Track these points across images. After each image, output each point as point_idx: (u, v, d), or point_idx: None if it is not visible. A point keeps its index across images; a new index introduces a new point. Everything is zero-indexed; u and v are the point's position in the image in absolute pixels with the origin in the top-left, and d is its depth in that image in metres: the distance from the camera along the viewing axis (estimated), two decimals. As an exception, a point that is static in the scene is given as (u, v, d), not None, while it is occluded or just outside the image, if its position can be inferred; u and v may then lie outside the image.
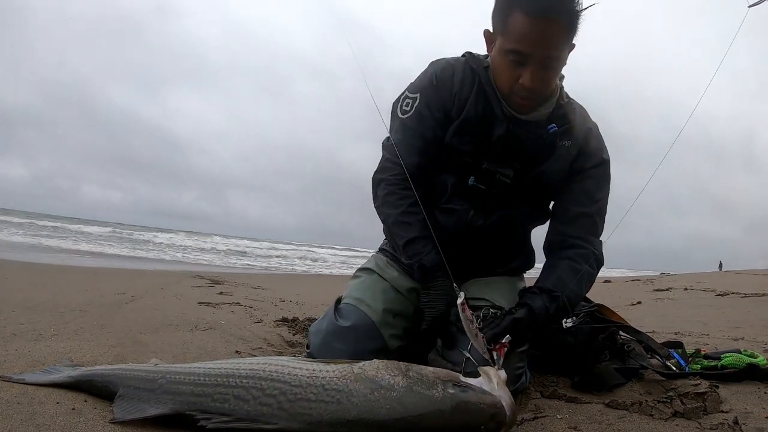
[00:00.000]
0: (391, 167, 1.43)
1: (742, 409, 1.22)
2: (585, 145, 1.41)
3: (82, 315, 2.11)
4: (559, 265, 1.38)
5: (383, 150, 1.48)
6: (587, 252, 1.38)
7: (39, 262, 6.65)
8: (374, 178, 1.48)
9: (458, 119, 1.38)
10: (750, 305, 4.00)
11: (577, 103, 1.45)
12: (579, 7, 1.20)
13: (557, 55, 1.23)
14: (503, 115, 1.34)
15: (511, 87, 1.28)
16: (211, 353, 1.64)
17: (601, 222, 1.44)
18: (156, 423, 0.93)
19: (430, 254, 1.32)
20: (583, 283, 1.37)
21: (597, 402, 1.32)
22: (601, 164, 1.43)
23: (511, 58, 1.24)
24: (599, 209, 1.43)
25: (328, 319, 1.42)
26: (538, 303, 1.28)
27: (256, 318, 2.58)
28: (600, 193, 1.43)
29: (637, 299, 4.73)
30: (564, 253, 1.39)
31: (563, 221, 1.43)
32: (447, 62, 1.42)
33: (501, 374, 0.96)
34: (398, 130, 1.43)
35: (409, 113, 1.41)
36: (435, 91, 1.39)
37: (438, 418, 0.86)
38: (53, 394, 1.01)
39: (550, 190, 1.46)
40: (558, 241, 1.43)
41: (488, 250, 1.50)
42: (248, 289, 4.47)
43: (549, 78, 1.26)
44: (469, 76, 1.39)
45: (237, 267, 12.30)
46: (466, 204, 1.43)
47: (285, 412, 0.88)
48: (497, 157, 1.38)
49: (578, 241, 1.39)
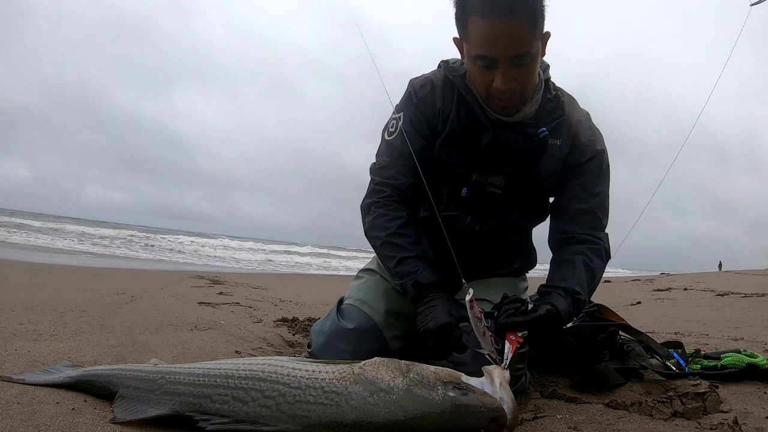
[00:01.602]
0: (381, 190, 1.38)
1: (741, 409, 1.22)
2: (576, 139, 1.38)
3: (82, 315, 2.11)
4: (575, 261, 1.32)
5: (371, 174, 1.43)
6: (599, 248, 1.36)
7: (39, 262, 6.65)
8: (363, 205, 1.42)
9: (444, 133, 1.37)
10: (750, 305, 4.00)
11: (566, 94, 1.41)
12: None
13: (525, 52, 1.17)
14: (489, 122, 1.32)
15: (488, 91, 1.25)
16: (210, 353, 1.64)
17: (603, 215, 1.40)
18: (156, 423, 0.93)
19: (426, 272, 1.25)
20: (596, 281, 1.34)
21: (597, 402, 1.32)
22: (596, 156, 1.39)
23: (479, 64, 1.21)
24: (599, 203, 1.39)
25: (331, 320, 1.42)
26: (564, 305, 1.21)
27: (256, 318, 2.58)
28: (598, 186, 1.40)
29: (637, 299, 4.73)
30: (577, 248, 1.35)
31: (565, 219, 1.40)
32: (425, 78, 1.41)
33: (505, 374, 0.93)
34: (385, 152, 1.42)
35: (394, 134, 1.39)
36: (416, 108, 1.38)
37: (437, 422, 0.85)
38: (53, 394, 1.01)
39: (546, 190, 1.45)
40: (564, 238, 1.39)
41: (487, 254, 1.50)
42: (248, 289, 4.47)
43: (524, 76, 1.22)
44: (448, 89, 1.37)
45: (237, 267, 12.29)
46: (462, 211, 1.42)
47: (284, 414, 0.87)
48: (488, 165, 1.36)
49: (586, 236, 1.36)
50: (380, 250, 1.36)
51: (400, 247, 1.30)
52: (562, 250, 1.38)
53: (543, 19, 1.18)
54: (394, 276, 1.32)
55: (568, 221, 1.39)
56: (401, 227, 1.32)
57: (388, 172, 1.39)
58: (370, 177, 1.43)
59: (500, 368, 0.96)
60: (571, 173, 1.39)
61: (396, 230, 1.32)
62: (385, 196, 1.37)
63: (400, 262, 1.29)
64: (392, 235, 1.32)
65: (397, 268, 1.29)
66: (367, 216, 1.39)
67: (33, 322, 1.84)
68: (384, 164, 1.40)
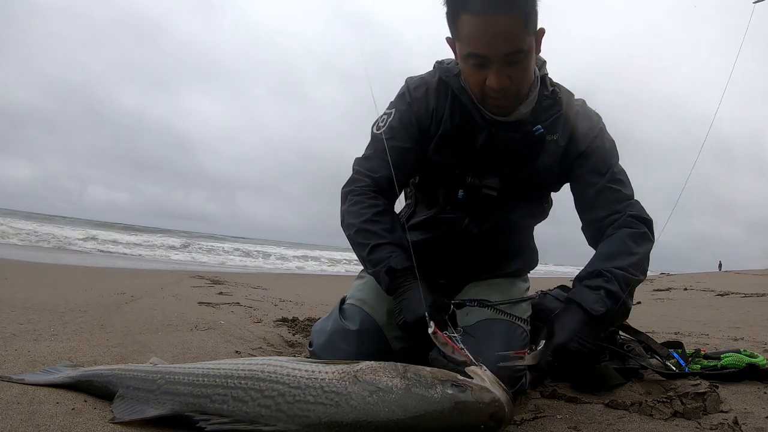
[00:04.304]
0: (359, 179, 1.38)
1: (741, 409, 1.22)
2: (574, 130, 1.35)
3: (82, 315, 2.11)
4: (598, 248, 1.28)
5: (353, 165, 1.43)
6: (621, 219, 1.28)
7: (39, 262, 6.65)
8: (342, 192, 1.41)
9: (437, 135, 1.36)
10: (750, 305, 4.00)
11: (563, 89, 1.39)
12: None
13: (518, 49, 1.14)
14: (484, 122, 1.31)
15: (482, 90, 1.23)
16: (210, 353, 1.64)
17: (622, 186, 1.33)
18: (155, 423, 0.93)
19: (399, 257, 1.22)
20: (630, 243, 1.23)
21: (597, 402, 1.32)
22: (597, 137, 1.35)
23: (471, 63, 1.18)
24: (612, 176, 1.33)
25: (333, 319, 1.42)
26: (581, 293, 1.17)
27: (256, 318, 2.58)
28: (607, 163, 1.34)
29: (637, 299, 4.73)
30: (607, 232, 1.30)
31: (586, 209, 1.36)
32: (421, 79, 1.40)
33: (488, 372, 0.94)
34: (370, 145, 1.42)
35: (383, 128, 1.38)
36: (409, 107, 1.37)
37: (437, 420, 0.85)
38: (53, 394, 1.01)
39: (544, 187, 1.44)
40: (594, 230, 1.34)
41: (487, 255, 1.49)
42: (248, 289, 4.47)
43: (518, 74, 1.19)
44: (442, 89, 1.36)
45: (237, 267, 12.29)
46: (460, 213, 1.42)
47: (283, 413, 0.87)
48: (483, 167, 1.35)
49: (611, 218, 1.30)
50: (354, 238, 1.33)
51: (374, 234, 1.28)
52: (599, 242, 1.31)
53: (536, 14, 1.16)
54: (368, 265, 1.29)
55: (591, 210, 1.35)
56: (376, 215, 1.31)
57: (369, 164, 1.39)
58: (352, 167, 1.43)
59: (481, 367, 0.96)
60: (576, 162, 1.36)
61: (371, 217, 1.30)
62: (363, 186, 1.36)
63: (373, 249, 1.26)
64: (366, 222, 1.30)
65: (370, 255, 1.27)
66: (343, 204, 1.39)
67: (33, 322, 1.84)
68: (367, 155, 1.41)
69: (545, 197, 1.50)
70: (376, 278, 1.28)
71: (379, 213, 1.31)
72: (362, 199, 1.34)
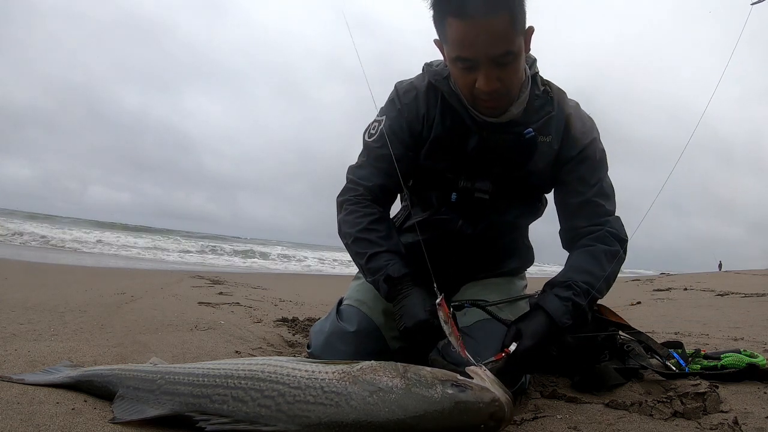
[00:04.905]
0: (353, 188, 1.39)
1: (741, 409, 1.22)
2: (567, 133, 1.34)
3: (82, 315, 2.11)
4: (572, 256, 1.32)
5: (347, 173, 1.44)
6: (600, 233, 1.32)
7: (39, 262, 6.65)
8: (337, 201, 1.42)
9: (429, 139, 1.35)
10: (750, 305, 4.00)
11: (555, 88, 1.37)
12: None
13: (507, 51, 1.13)
14: (475, 125, 1.30)
15: (472, 93, 1.22)
16: (210, 353, 1.64)
17: (606, 201, 1.36)
18: (155, 424, 0.93)
19: (396, 265, 1.25)
20: (604, 261, 1.28)
21: (597, 402, 1.32)
22: (589, 145, 1.35)
23: (460, 66, 1.18)
24: (599, 190, 1.35)
25: (331, 320, 1.43)
26: (551, 302, 1.22)
27: (256, 318, 2.58)
28: (596, 174, 1.36)
29: (637, 299, 4.73)
30: (578, 244, 1.34)
31: (567, 216, 1.38)
32: (411, 83, 1.39)
33: (488, 372, 0.95)
34: (363, 153, 1.43)
35: (374, 135, 1.39)
36: (399, 114, 1.37)
37: (437, 419, 0.85)
38: (53, 394, 1.01)
39: (538, 189, 1.44)
40: (571, 237, 1.37)
41: (482, 255, 1.50)
42: (248, 289, 4.47)
43: (508, 75, 1.18)
44: (432, 94, 1.35)
45: (237, 267, 12.29)
46: (453, 214, 1.42)
47: (283, 414, 0.87)
48: (474, 170, 1.35)
49: (589, 228, 1.33)
50: (352, 248, 1.35)
51: (371, 243, 1.30)
52: (573, 249, 1.36)
53: (524, 14, 1.15)
54: (367, 274, 1.32)
55: (571, 217, 1.37)
56: (372, 223, 1.33)
57: (362, 172, 1.40)
58: (346, 176, 1.44)
59: (481, 367, 0.97)
60: (566, 168, 1.36)
61: (366, 226, 1.32)
62: (357, 195, 1.38)
63: (371, 258, 1.29)
64: (363, 231, 1.32)
65: (368, 264, 1.29)
66: (339, 213, 1.40)
67: (33, 322, 1.84)
68: (359, 164, 1.42)
69: (539, 197, 1.50)
70: (376, 286, 1.30)
71: (374, 221, 1.33)
72: (357, 208, 1.36)
